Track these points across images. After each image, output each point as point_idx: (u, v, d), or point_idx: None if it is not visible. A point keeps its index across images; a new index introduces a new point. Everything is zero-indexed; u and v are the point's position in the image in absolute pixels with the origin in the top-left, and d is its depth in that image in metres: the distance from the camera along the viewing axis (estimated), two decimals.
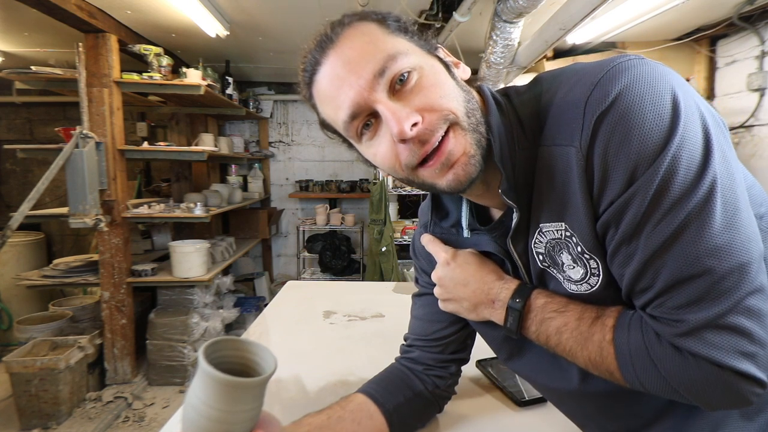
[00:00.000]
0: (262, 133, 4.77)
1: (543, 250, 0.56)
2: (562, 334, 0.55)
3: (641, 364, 0.49)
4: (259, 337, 1.16)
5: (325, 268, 4.42)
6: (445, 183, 0.53)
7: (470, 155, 0.52)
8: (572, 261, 0.53)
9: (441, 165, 0.52)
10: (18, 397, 2.33)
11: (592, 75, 0.49)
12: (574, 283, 0.55)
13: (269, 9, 2.66)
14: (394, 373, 0.78)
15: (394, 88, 0.51)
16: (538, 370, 0.65)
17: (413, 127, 0.50)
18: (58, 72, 2.64)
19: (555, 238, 0.54)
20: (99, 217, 2.45)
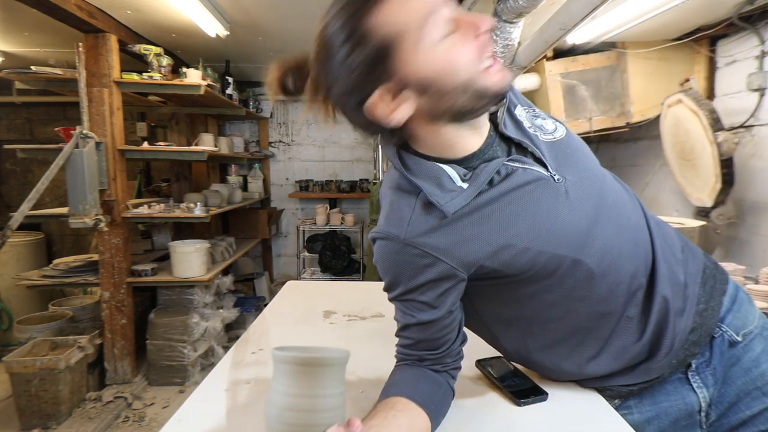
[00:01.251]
0: (262, 133, 4.77)
1: (528, 123, 0.79)
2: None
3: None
4: (259, 337, 1.16)
5: (325, 268, 4.42)
6: (498, 81, 0.66)
7: (506, 72, 0.68)
8: (542, 119, 0.82)
9: (498, 69, 0.66)
10: (18, 397, 2.33)
11: None
12: (555, 132, 0.80)
13: (269, 9, 2.66)
14: (415, 374, 0.76)
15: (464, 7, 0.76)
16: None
17: (487, 32, 0.65)
18: (58, 72, 2.64)
19: (525, 115, 0.80)
20: (99, 217, 2.45)
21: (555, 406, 0.83)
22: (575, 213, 0.72)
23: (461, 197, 0.68)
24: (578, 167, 0.75)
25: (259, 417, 0.80)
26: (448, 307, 0.72)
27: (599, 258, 0.72)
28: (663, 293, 0.76)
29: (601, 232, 0.73)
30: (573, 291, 0.74)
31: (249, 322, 3.51)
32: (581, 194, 0.73)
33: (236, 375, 0.95)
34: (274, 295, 1.60)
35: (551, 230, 0.70)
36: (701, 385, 0.81)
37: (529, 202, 0.70)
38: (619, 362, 0.79)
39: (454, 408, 0.82)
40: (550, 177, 0.72)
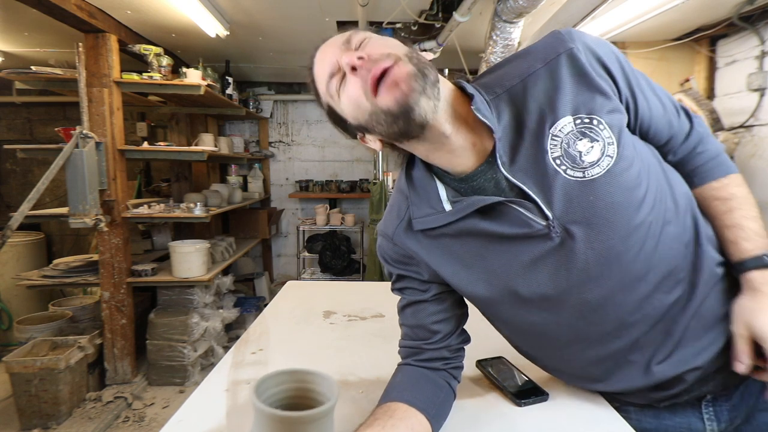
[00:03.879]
0: (262, 133, 4.77)
1: (559, 152, 0.65)
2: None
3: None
4: (259, 337, 1.16)
5: (325, 268, 4.42)
6: (393, 102, 0.62)
7: (413, 75, 0.61)
8: (590, 142, 0.65)
9: (389, 85, 0.61)
10: (18, 397, 2.33)
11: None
12: (594, 165, 0.65)
13: (269, 9, 2.66)
14: (416, 376, 0.78)
15: (353, 47, 0.66)
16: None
17: (359, 59, 0.62)
18: (58, 72, 2.64)
19: (569, 132, 0.65)
20: (99, 217, 2.45)
21: (555, 407, 0.83)
22: (558, 274, 0.67)
23: (436, 218, 0.72)
24: (596, 219, 0.65)
25: None
26: (433, 294, 0.79)
27: (575, 314, 0.70)
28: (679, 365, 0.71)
29: (592, 290, 0.67)
30: (542, 328, 0.75)
31: (249, 322, 3.51)
32: (584, 250, 0.66)
33: (236, 375, 0.95)
34: (274, 295, 1.60)
35: (517, 289, 0.70)
36: (712, 418, 0.76)
37: (501, 254, 0.69)
38: (620, 386, 0.77)
39: (455, 408, 0.82)
40: (543, 229, 0.66)
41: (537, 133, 0.66)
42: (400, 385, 0.77)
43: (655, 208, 0.66)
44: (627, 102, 0.69)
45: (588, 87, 0.66)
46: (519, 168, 0.67)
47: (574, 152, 0.65)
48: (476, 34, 2.98)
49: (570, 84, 0.66)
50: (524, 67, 0.69)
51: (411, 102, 0.61)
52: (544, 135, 0.66)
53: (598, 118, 0.65)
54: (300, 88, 4.75)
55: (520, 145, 0.67)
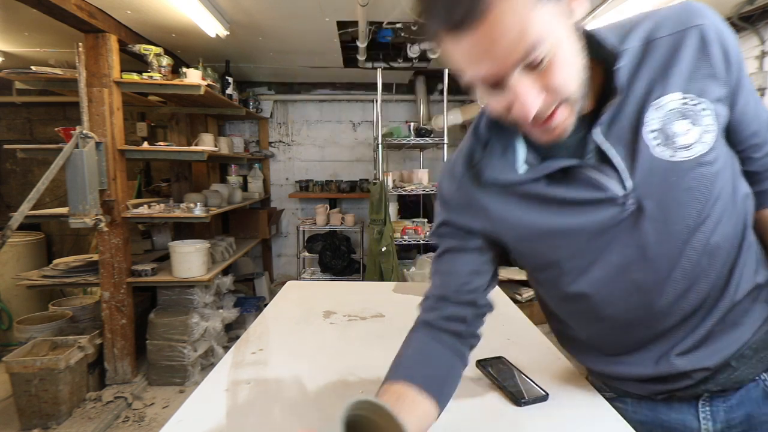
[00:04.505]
0: (262, 133, 4.77)
1: (657, 125, 0.64)
2: None
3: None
4: (259, 337, 1.16)
5: (325, 268, 4.42)
6: (539, 140, 0.64)
7: (568, 124, 0.62)
8: (690, 124, 0.63)
9: (543, 131, 0.62)
10: (18, 397, 2.33)
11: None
12: (686, 149, 0.64)
13: (269, 9, 2.66)
14: (429, 349, 0.75)
15: (531, 66, 0.56)
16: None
17: (535, 109, 0.58)
18: (58, 72, 2.64)
19: (672, 109, 0.64)
20: (99, 217, 2.45)
21: (555, 407, 0.83)
22: (617, 247, 0.68)
23: (507, 176, 0.70)
24: (670, 202, 0.65)
25: (259, 417, 0.80)
26: (476, 245, 0.76)
27: (617, 292, 0.71)
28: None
29: (643, 272, 0.68)
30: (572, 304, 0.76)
31: (249, 322, 3.51)
32: (650, 229, 0.66)
33: (236, 375, 0.95)
34: (274, 295, 1.60)
35: (571, 255, 0.71)
36: (708, 417, 0.76)
37: (564, 219, 0.69)
38: (628, 371, 0.78)
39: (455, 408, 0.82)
40: (620, 198, 0.65)
41: (641, 102, 0.65)
42: (412, 360, 0.74)
43: (722, 206, 0.67)
44: (730, 95, 0.67)
45: (706, 69, 0.64)
46: (613, 133, 0.66)
47: (671, 131, 0.63)
48: None
49: (690, 61, 0.64)
50: (649, 31, 0.66)
51: (562, 138, 0.63)
52: (648, 105, 0.64)
53: (706, 103, 0.64)
54: (300, 88, 4.75)
55: (622, 111, 0.65)
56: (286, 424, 0.78)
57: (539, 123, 0.60)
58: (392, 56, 3.67)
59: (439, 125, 4.04)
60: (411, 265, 4.00)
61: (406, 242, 3.67)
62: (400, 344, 0.79)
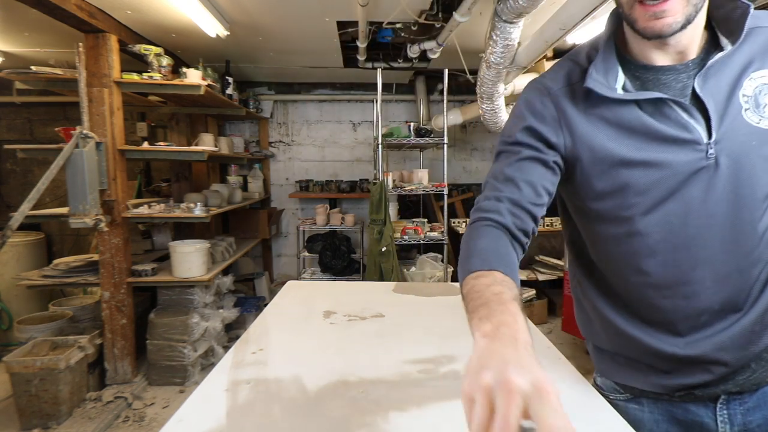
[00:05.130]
0: (262, 133, 4.77)
1: (750, 92, 0.69)
2: None
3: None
4: (259, 337, 1.16)
5: (325, 268, 4.42)
6: (645, 27, 0.66)
7: (676, 20, 0.64)
8: None
9: (653, 14, 0.64)
10: (18, 397, 2.33)
11: None
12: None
13: (269, 9, 2.66)
14: (507, 248, 0.72)
15: None
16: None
17: None
18: (58, 72, 2.64)
19: (765, 83, 0.68)
20: (99, 217, 2.45)
21: None
22: (686, 194, 0.70)
23: (607, 89, 0.72)
24: (746, 163, 0.68)
25: (259, 417, 0.80)
26: (553, 160, 0.76)
27: (669, 244, 0.72)
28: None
29: (700, 228, 0.70)
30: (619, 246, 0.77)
31: (249, 322, 3.51)
32: (721, 184, 0.69)
33: (236, 375, 0.95)
34: (274, 295, 1.60)
35: (643, 189, 0.72)
36: (725, 420, 0.76)
37: (648, 152, 0.71)
38: (651, 341, 0.77)
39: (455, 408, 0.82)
40: (703, 146, 0.68)
41: (741, 69, 0.69)
42: (505, 259, 0.68)
43: None
44: None
45: None
46: (710, 86, 0.69)
47: (762, 100, 0.68)
48: (476, 34, 2.98)
49: None
50: (756, 20, 0.70)
51: (665, 33, 0.65)
52: (745, 73, 0.69)
53: None
54: (300, 88, 4.75)
55: (720, 70, 0.69)
56: (286, 424, 0.78)
57: (653, 3, 0.63)
58: (392, 56, 3.67)
59: (439, 125, 4.04)
60: (411, 265, 4.00)
61: (406, 242, 3.67)
62: (399, 346, 0.76)
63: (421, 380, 0.93)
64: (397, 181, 3.86)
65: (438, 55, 3.23)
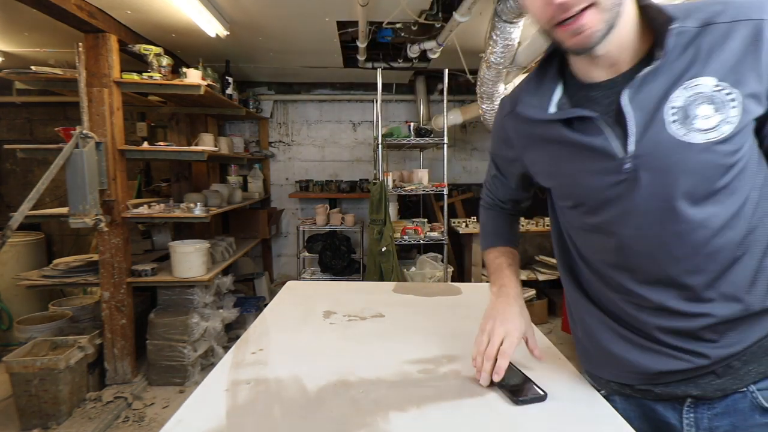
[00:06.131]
0: (262, 133, 4.77)
1: (680, 103, 0.65)
2: None
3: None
4: (259, 337, 1.16)
5: (325, 268, 4.42)
6: (569, 44, 0.67)
7: (595, 30, 0.64)
8: (713, 110, 0.64)
9: (571, 32, 0.65)
10: (18, 397, 2.33)
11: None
12: (701, 132, 0.65)
13: (269, 9, 2.66)
14: (504, 222, 1.08)
15: None
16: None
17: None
18: (58, 72, 2.64)
19: (701, 92, 0.64)
20: (99, 217, 2.45)
21: (555, 407, 0.83)
22: (610, 204, 0.73)
23: (536, 111, 0.78)
24: (667, 178, 0.67)
25: (259, 417, 0.80)
26: (517, 173, 0.95)
27: (616, 244, 0.76)
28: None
29: (631, 237, 0.73)
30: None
31: (249, 322, 3.51)
32: (641, 199, 0.69)
33: (236, 375, 0.95)
34: (274, 295, 1.60)
35: (577, 194, 0.79)
36: (692, 423, 0.77)
37: (574, 162, 0.76)
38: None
39: (453, 408, 0.82)
40: (619, 160, 0.69)
41: (673, 79, 0.66)
42: (502, 229, 1.07)
43: (726, 206, 0.67)
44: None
45: (751, 63, 0.64)
46: (639, 99, 0.68)
47: (692, 112, 0.65)
48: (476, 34, 2.98)
49: (737, 52, 0.64)
50: (711, 15, 0.67)
51: (588, 46, 0.66)
52: (678, 83, 0.66)
53: (738, 94, 0.64)
54: (300, 88, 4.75)
55: (652, 81, 0.67)
56: (286, 424, 0.78)
57: (569, 23, 0.64)
58: (392, 56, 3.67)
59: (439, 125, 4.04)
60: (411, 265, 4.00)
61: (406, 242, 3.67)
62: (398, 346, 0.79)
63: (421, 380, 0.93)
64: (397, 181, 3.86)
65: (438, 55, 3.23)
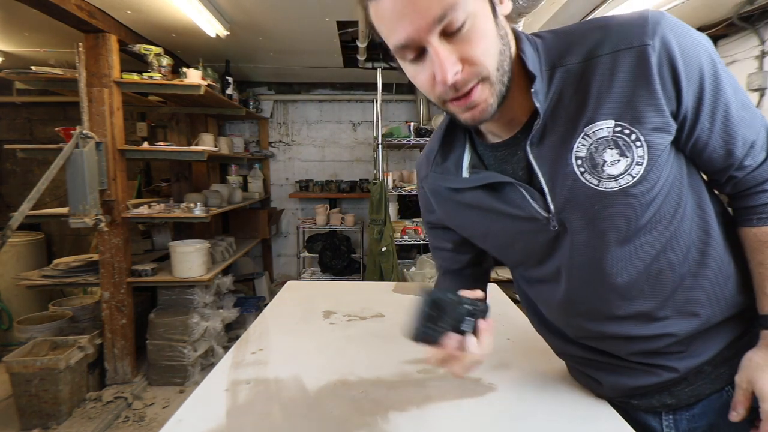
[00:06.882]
0: (262, 133, 4.77)
1: (584, 153, 0.63)
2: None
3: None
4: (259, 337, 1.16)
5: (325, 268, 4.42)
6: (463, 119, 0.64)
7: (489, 104, 0.61)
8: (618, 155, 0.62)
9: (464, 107, 0.61)
10: (18, 397, 2.33)
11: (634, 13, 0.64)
12: (612, 179, 0.63)
13: (269, 9, 2.66)
14: (458, 280, 0.93)
15: (447, 32, 0.56)
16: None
17: (454, 75, 0.57)
18: (58, 72, 2.64)
19: (603, 137, 0.62)
20: (99, 217, 2.45)
21: (555, 407, 0.83)
22: (547, 257, 0.73)
23: (451, 179, 0.76)
24: (592, 228, 0.66)
25: (259, 417, 0.80)
26: (454, 240, 0.89)
27: (560, 292, 0.75)
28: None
29: (573, 283, 0.72)
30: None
31: (249, 322, 3.51)
32: (574, 249, 0.68)
33: (236, 375, 0.95)
34: (274, 295, 1.60)
35: (510, 256, 0.80)
36: (671, 426, 0.77)
37: (501, 228, 0.75)
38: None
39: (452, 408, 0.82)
40: (543, 219, 0.68)
41: (571, 126, 0.64)
42: (452, 283, 0.93)
43: (659, 232, 0.66)
44: (685, 117, 0.63)
45: (645, 95, 0.61)
46: (542, 153, 0.66)
47: (599, 159, 0.63)
48: None
49: (627, 86, 0.61)
50: (592, 46, 0.63)
51: (483, 119, 0.63)
52: (577, 131, 0.63)
53: (640, 133, 0.61)
54: (300, 88, 4.75)
55: (552, 131, 0.65)
56: (286, 424, 0.78)
57: (460, 99, 0.60)
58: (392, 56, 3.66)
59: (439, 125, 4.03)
60: (411, 265, 4.00)
61: (406, 242, 3.68)
62: (398, 346, 0.81)
63: (421, 380, 0.93)
64: (397, 181, 3.87)
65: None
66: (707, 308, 0.69)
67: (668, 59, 0.60)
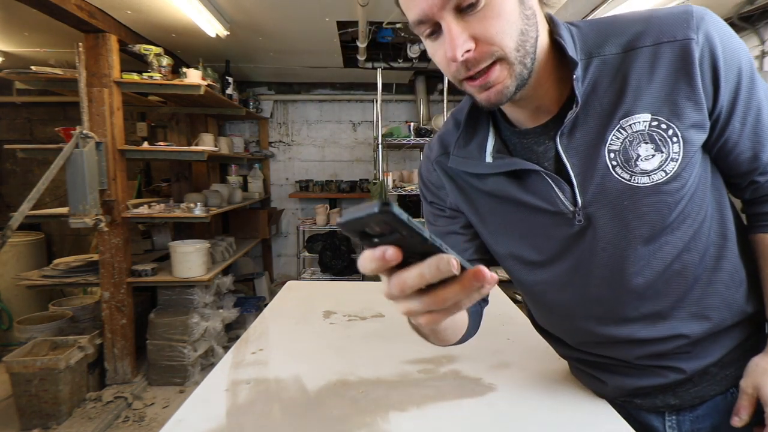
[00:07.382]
0: (262, 133, 4.77)
1: (618, 146, 0.62)
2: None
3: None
4: (259, 337, 1.16)
5: (325, 268, 4.42)
6: (479, 99, 0.61)
7: (506, 86, 0.58)
8: (654, 150, 0.61)
9: (480, 87, 0.59)
10: (18, 397, 2.33)
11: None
12: (645, 174, 0.61)
13: (269, 9, 2.66)
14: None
15: (461, 7, 0.54)
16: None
17: (465, 53, 0.55)
18: (58, 72, 2.64)
19: (638, 131, 0.61)
20: (99, 217, 2.45)
21: (555, 406, 0.83)
22: (566, 255, 0.69)
23: (473, 164, 0.71)
24: (620, 223, 0.64)
25: (259, 417, 0.80)
26: (462, 224, 0.80)
27: (572, 295, 0.72)
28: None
29: (592, 283, 0.69)
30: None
31: (249, 322, 3.51)
32: (597, 245, 0.66)
33: (236, 375, 0.95)
34: (274, 295, 1.60)
35: (523, 254, 0.74)
36: (674, 427, 0.77)
37: (520, 221, 0.71)
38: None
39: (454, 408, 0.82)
40: (569, 214, 0.66)
41: (606, 118, 0.62)
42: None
43: (682, 232, 0.65)
44: (719, 116, 0.62)
45: (685, 90, 0.59)
46: (573, 145, 0.64)
47: (633, 153, 0.61)
48: None
49: (667, 80, 0.60)
50: (632, 38, 0.61)
51: (500, 102, 0.60)
52: (612, 123, 0.61)
53: (677, 128, 0.60)
54: (300, 88, 4.75)
55: (584, 122, 0.63)
56: (286, 424, 0.78)
57: (475, 78, 0.58)
58: (392, 56, 3.67)
59: (439, 125, 4.04)
60: None
61: None
62: (399, 346, 0.80)
63: (421, 380, 0.93)
64: (397, 181, 3.86)
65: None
66: (719, 312, 0.68)
67: (710, 55, 0.59)
